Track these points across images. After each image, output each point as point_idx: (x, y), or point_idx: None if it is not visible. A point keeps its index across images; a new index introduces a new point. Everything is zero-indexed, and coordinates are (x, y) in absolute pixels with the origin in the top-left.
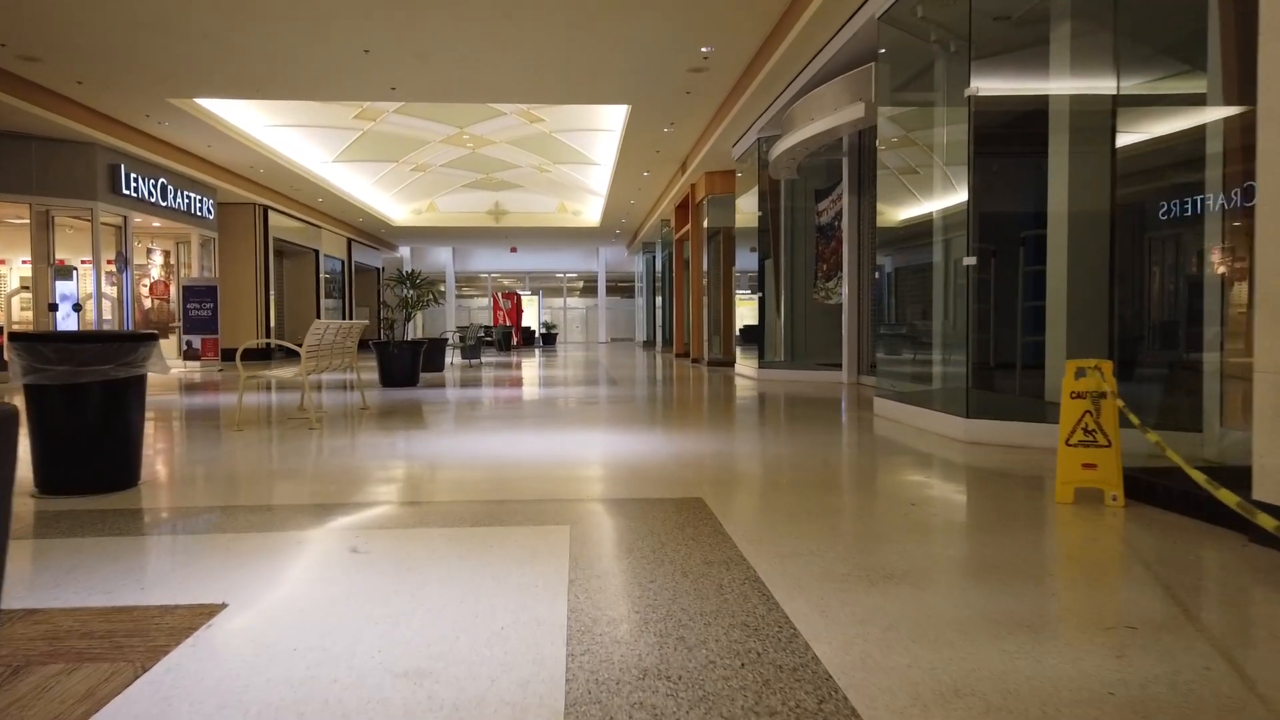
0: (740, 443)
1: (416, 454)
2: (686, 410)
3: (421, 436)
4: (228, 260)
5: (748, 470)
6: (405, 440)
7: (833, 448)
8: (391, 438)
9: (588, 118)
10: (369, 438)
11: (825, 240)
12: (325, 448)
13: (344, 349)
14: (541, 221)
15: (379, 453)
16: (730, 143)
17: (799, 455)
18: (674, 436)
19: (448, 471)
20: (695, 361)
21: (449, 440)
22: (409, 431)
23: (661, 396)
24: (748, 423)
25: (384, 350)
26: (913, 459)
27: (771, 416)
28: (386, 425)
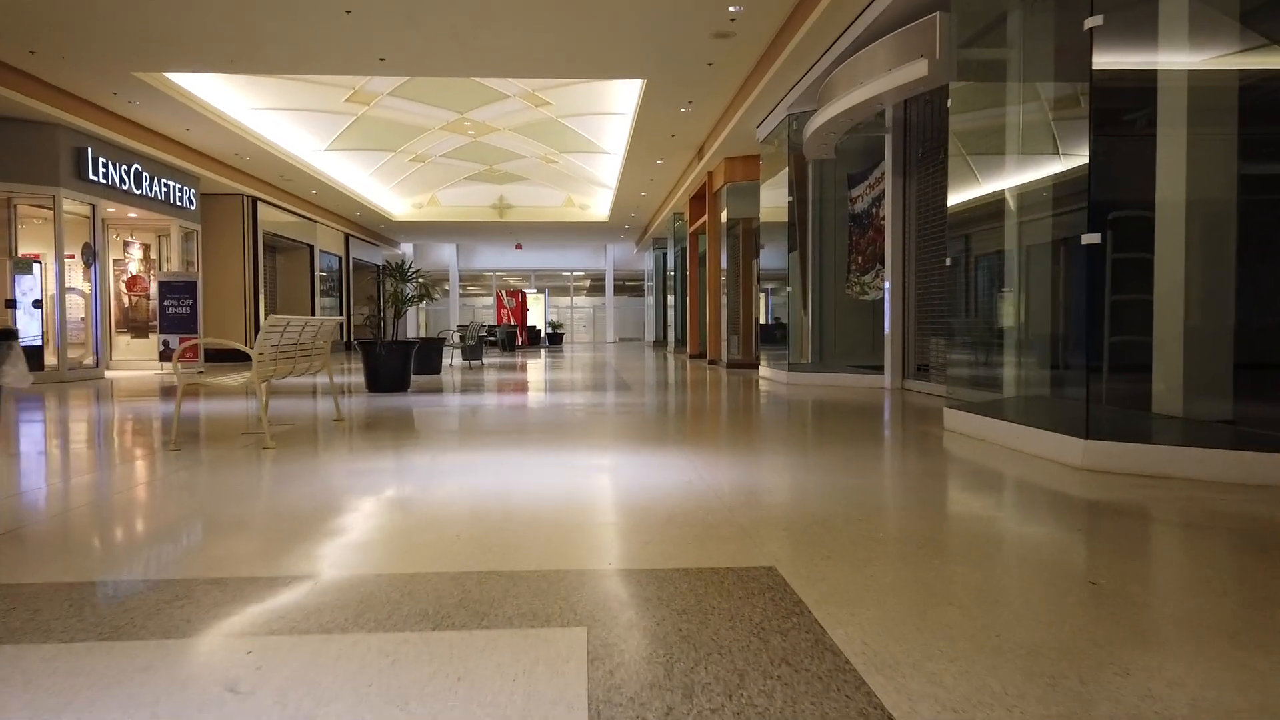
0: (795, 470)
1: (384, 489)
2: (717, 424)
3: (397, 461)
4: (213, 254)
5: (820, 514)
6: (375, 467)
7: (916, 478)
8: (359, 463)
9: (597, 100)
10: (331, 463)
11: (860, 230)
12: (269, 478)
13: (312, 351)
14: (548, 216)
15: (335, 486)
16: (755, 122)
17: (878, 490)
18: (709, 460)
19: (420, 519)
20: (712, 363)
21: (430, 467)
22: (383, 454)
23: (684, 406)
24: (795, 441)
25: (370, 351)
26: (1033, 496)
27: (820, 432)
28: (357, 445)
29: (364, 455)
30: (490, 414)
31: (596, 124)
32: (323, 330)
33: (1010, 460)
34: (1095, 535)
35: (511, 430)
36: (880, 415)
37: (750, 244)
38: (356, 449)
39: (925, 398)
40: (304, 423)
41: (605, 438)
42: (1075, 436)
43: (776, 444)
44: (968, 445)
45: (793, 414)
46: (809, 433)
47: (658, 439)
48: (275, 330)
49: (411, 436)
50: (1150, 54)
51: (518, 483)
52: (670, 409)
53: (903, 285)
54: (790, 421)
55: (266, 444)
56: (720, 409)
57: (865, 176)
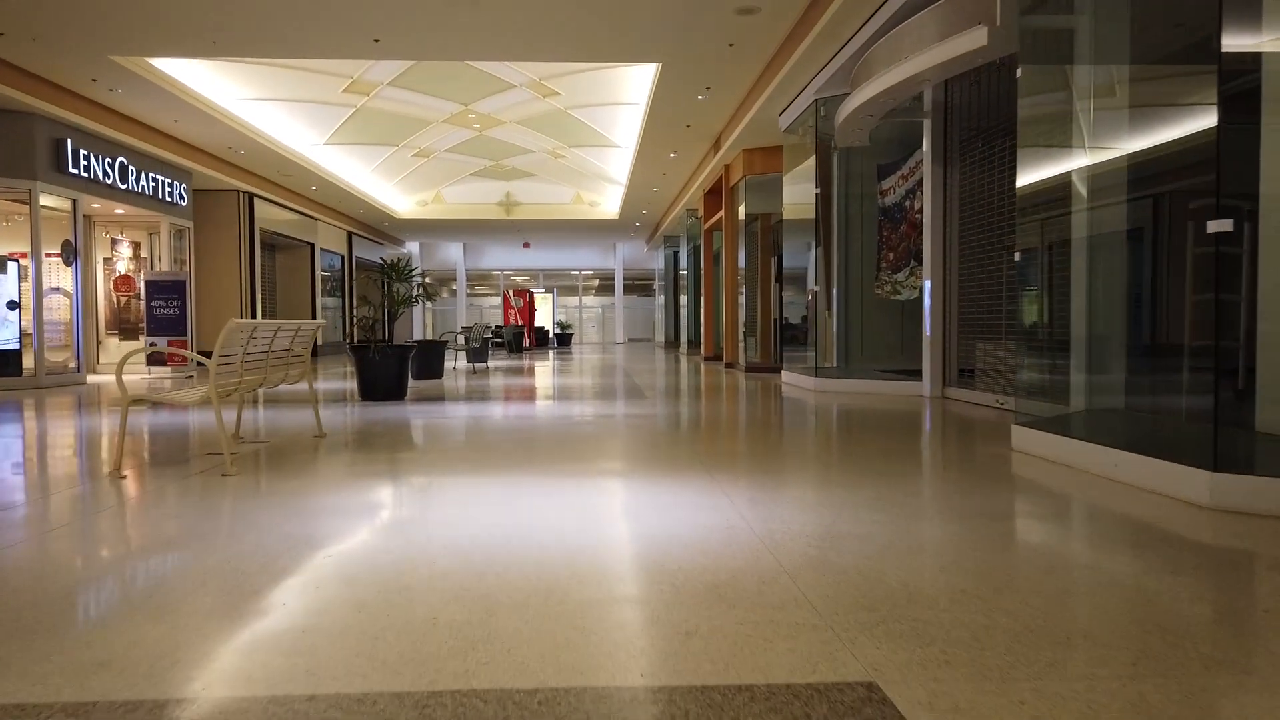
0: (857, 509)
1: (349, 539)
2: (748, 441)
3: (372, 495)
4: (207, 253)
5: (912, 585)
6: (345, 505)
7: (1011, 522)
8: (328, 497)
9: (608, 89)
10: (294, 498)
11: (892, 224)
12: (213, 520)
13: (288, 359)
14: (556, 213)
15: (289, 535)
16: (778, 109)
17: (971, 544)
18: (747, 492)
19: (387, 590)
20: (729, 367)
21: (411, 505)
22: (359, 484)
23: (706, 417)
24: (843, 464)
25: (363, 356)
26: (1178, 552)
27: (869, 453)
28: (332, 471)
29: (336, 486)
30: (490, 428)
31: (607, 115)
32: (300, 335)
33: (1114, 495)
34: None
35: (512, 450)
36: (930, 430)
37: (769, 241)
38: (330, 477)
39: (972, 408)
40: (282, 439)
41: (621, 459)
42: (1200, 468)
43: (822, 469)
44: (1051, 473)
45: (829, 428)
46: (855, 453)
47: (682, 461)
48: (239, 336)
49: (397, 459)
50: (1255, 34)
51: (515, 530)
52: (691, 422)
53: (943, 283)
54: (829, 438)
55: (227, 469)
56: (747, 422)
57: (897, 167)
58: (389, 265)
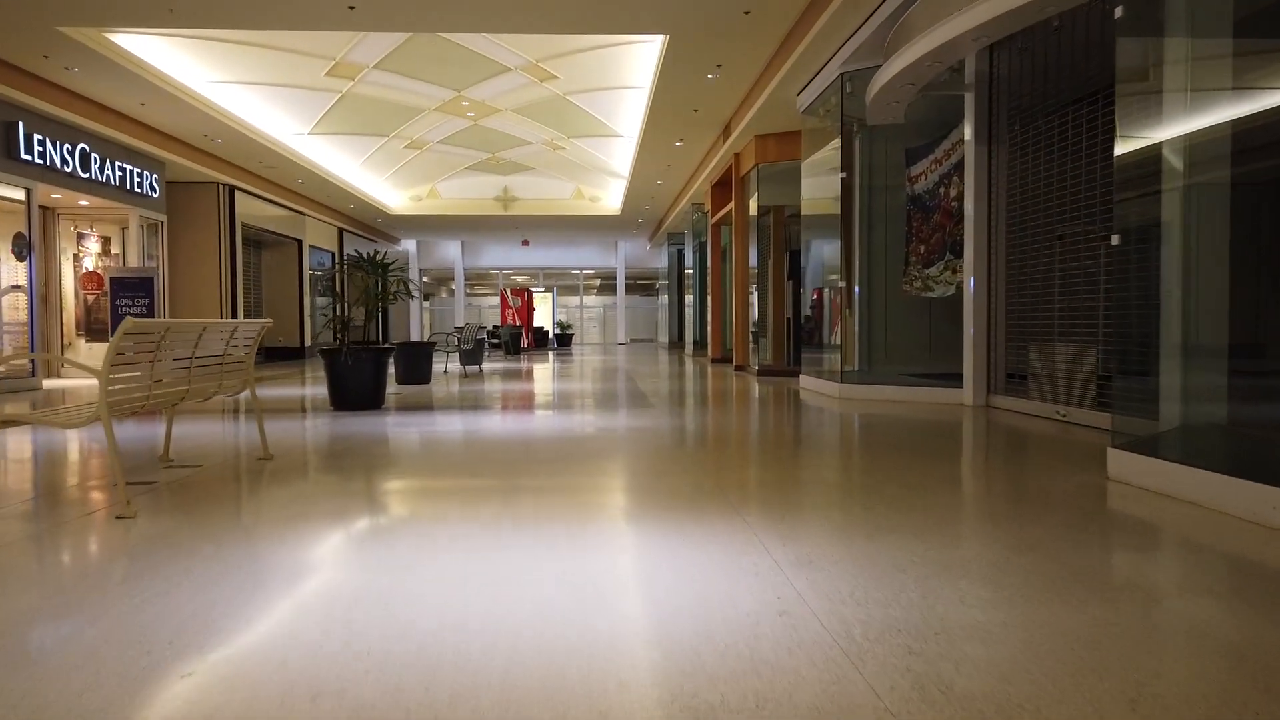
0: (963, 583)
1: (232, 637)
2: (778, 464)
3: (305, 552)
4: (184, 248)
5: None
6: (265, 567)
7: (1177, 598)
8: (240, 555)
9: (609, 70)
10: (198, 555)
11: (923, 214)
12: (78, 594)
13: (221, 365)
14: (555, 209)
15: (160, 619)
16: (797, 87)
17: (1146, 643)
18: (794, 546)
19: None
20: (739, 369)
21: (352, 567)
22: (292, 532)
23: (726, 435)
24: (914, 505)
25: (334, 360)
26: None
27: (930, 483)
28: (262, 512)
29: (261, 536)
30: (473, 448)
31: (608, 102)
32: (240, 337)
33: (1272, 545)
34: None
35: (494, 481)
36: (994, 451)
37: (781, 235)
38: (257, 521)
39: (1025, 420)
40: (219, 463)
41: (626, 493)
42: None
43: (884, 508)
44: (1183, 517)
45: (872, 446)
46: (917, 484)
47: (703, 495)
48: (144, 340)
49: (346, 495)
50: None
51: (481, 626)
52: (708, 439)
53: (988, 278)
54: (877, 460)
55: (123, 510)
56: (772, 438)
57: (929, 150)
58: (364, 258)
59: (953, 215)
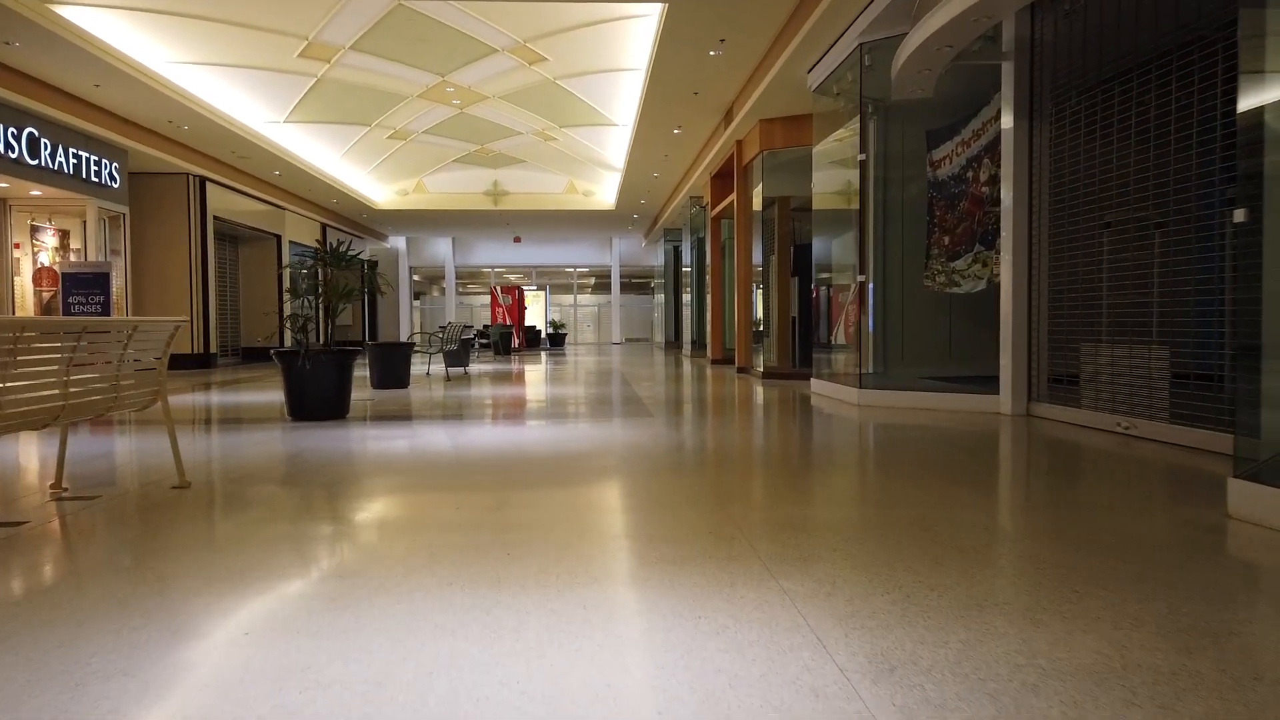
0: (1136, 713)
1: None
2: (822, 503)
3: (208, 631)
4: (149, 243)
5: None
6: (146, 660)
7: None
8: (109, 636)
9: (603, 51)
10: (34, 652)
11: (948, 201)
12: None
13: (117, 374)
14: (547, 204)
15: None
16: (808, 63)
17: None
18: (881, 654)
19: None
20: (742, 371)
21: (251, 666)
22: (194, 598)
23: (741, 455)
24: (1008, 564)
25: (291, 365)
26: None
27: (1027, 531)
28: (155, 563)
29: (137, 612)
30: (439, 472)
31: (602, 87)
32: (141, 340)
33: None
34: None
35: (459, 525)
36: (1064, 476)
37: (787, 229)
38: (136, 588)
39: (1079, 433)
40: (125, 490)
41: (627, 542)
42: None
43: (962, 571)
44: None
45: (920, 473)
46: (992, 529)
47: (727, 547)
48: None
49: (278, 537)
50: None
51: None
52: (720, 459)
53: (1029, 270)
54: (931, 494)
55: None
56: (797, 459)
57: (955, 131)
58: (326, 249)
59: (983, 202)
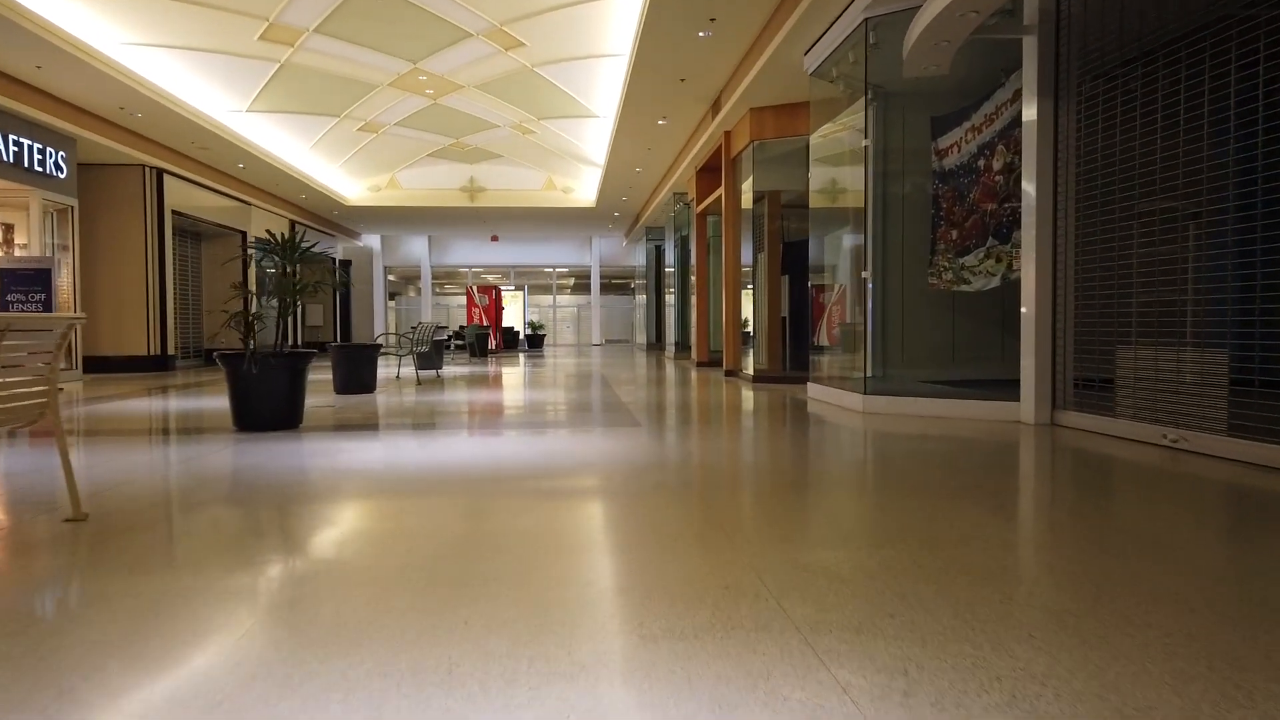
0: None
1: None
2: (876, 548)
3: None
4: (101, 238)
5: None
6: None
7: None
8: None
9: (584, 34)
10: None
11: (956, 192)
12: None
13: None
14: (525, 201)
15: None
16: (805, 44)
17: None
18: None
19: None
20: (730, 375)
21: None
22: (76, 685)
23: (751, 475)
24: (1124, 644)
25: (236, 369)
26: None
27: (1124, 589)
28: (28, 637)
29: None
30: (394, 498)
31: (583, 75)
32: (12, 344)
33: None
34: None
35: (415, 559)
36: (1128, 502)
37: (777, 225)
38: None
39: (1116, 445)
40: (7, 526)
41: (621, 599)
42: None
43: (1071, 652)
44: None
45: (955, 494)
46: (1079, 578)
47: (749, 607)
48: None
49: (171, 595)
50: None
51: None
52: (724, 481)
53: (1053, 266)
54: (983, 529)
55: None
56: (813, 480)
57: (964, 116)
58: (275, 240)
59: (996, 193)
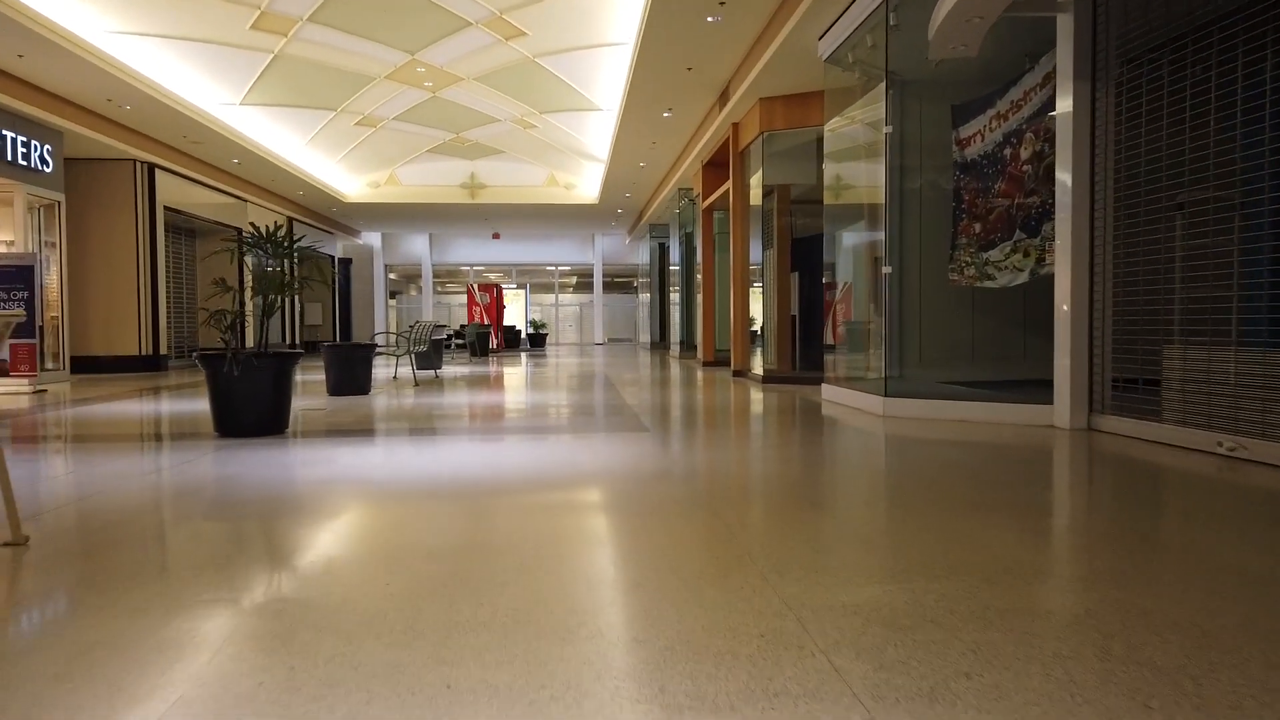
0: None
1: None
2: (910, 579)
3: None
4: (90, 234)
5: None
6: None
7: None
8: None
9: (587, 22)
10: None
11: (980, 183)
12: None
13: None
14: (527, 197)
15: None
16: (819, 28)
17: None
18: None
19: None
20: (738, 375)
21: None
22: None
23: (777, 487)
24: (1248, 694)
25: (217, 371)
26: None
27: (1225, 629)
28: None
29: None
30: (378, 517)
31: (586, 66)
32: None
33: None
34: None
35: (394, 594)
36: (1194, 517)
37: (787, 220)
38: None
39: (1164, 453)
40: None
41: (636, 647)
42: None
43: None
44: None
45: (1009, 512)
46: (1155, 607)
47: (790, 652)
48: None
49: (108, 641)
50: None
51: None
52: (741, 495)
53: (1090, 260)
54: (1043, 550)
55: None
56: (837, 490)
57: (989, 103)
58: (262, 234)
59: (1024, 183)
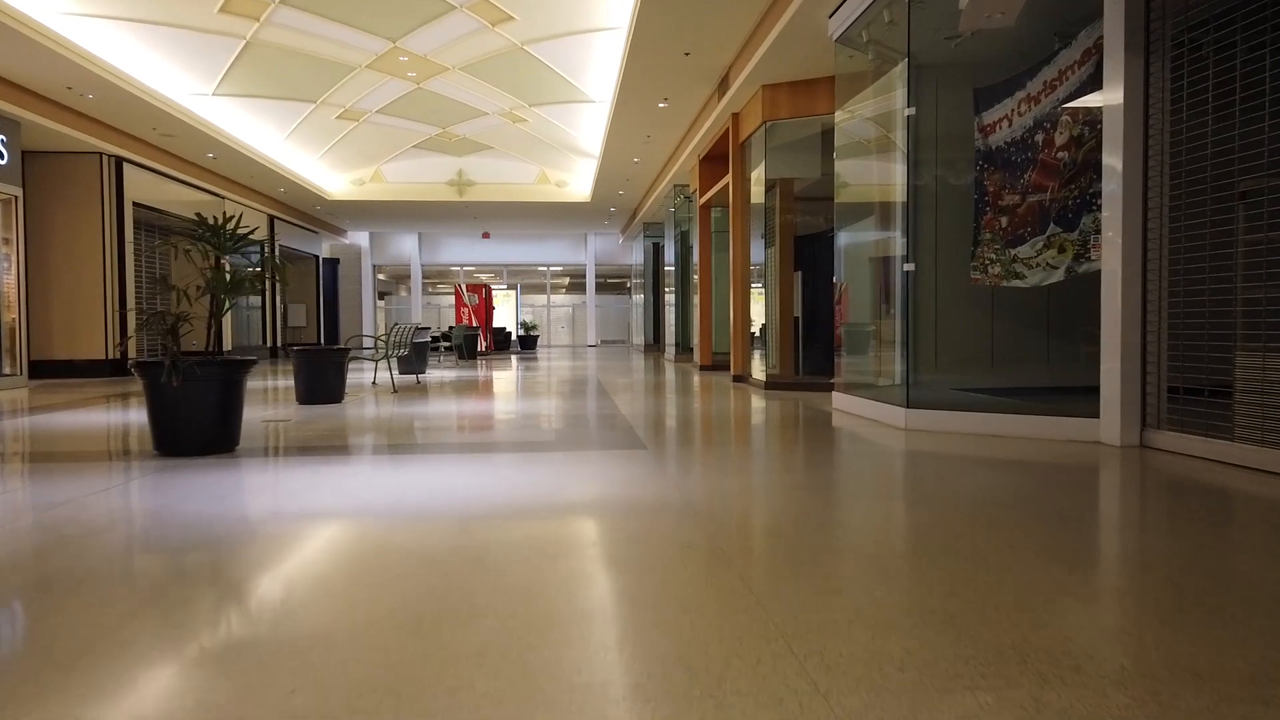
0: None
1: None
2: (992, 675)
3: None
4: (52, 232)
5: None
6: None
7: None
8: None
9: (578, 6)
10: None
11: (1007, 173)
12: None
13: None
14: (517, 195)
15: None
16: (829, 7)
17: None
18: None
19: None
20: (738, 380)
21: None
22: None
23: (796, 519)
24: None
25: (155, 381)
26: None
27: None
28: None
29: None
30: (327, 569)
31: (577, 53)
32: None
33: None
34: None
35: (343, 691)
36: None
37: (789, 218)
38: None
39: (1236, 475)
40: None
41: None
42: None
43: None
44: None
45: (1088, 562)
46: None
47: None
48: None
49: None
50: None
51: None
52: (763, 534)
53: (1143, 257)
54: (1150, 623)
55: None
56: (877, 530)
57: (1016, 86)
58: (206, 226)
59: (1059, 172)
